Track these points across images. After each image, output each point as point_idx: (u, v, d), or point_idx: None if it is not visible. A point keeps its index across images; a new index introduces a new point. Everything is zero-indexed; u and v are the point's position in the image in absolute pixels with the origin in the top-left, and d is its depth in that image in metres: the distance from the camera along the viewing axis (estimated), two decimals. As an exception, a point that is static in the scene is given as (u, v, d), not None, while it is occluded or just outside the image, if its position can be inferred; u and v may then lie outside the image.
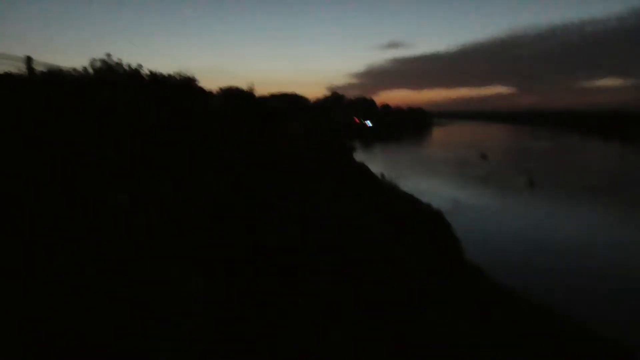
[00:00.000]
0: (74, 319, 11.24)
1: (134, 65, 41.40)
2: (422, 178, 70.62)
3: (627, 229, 41.36)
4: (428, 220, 37.97)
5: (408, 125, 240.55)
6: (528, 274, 28.75)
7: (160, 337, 11.18)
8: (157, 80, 40.83)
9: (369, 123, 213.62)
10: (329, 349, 11.47)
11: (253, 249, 18.30)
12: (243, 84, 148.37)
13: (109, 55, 39.63)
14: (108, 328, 11.15)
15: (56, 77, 26.16)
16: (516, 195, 57.74)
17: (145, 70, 42.63)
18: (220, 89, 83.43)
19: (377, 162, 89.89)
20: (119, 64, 40.15)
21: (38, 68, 30.58)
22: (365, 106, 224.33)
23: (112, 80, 33.96)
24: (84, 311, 11.67)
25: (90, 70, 38.42)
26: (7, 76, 24.97)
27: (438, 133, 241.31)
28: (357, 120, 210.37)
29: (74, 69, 36.63)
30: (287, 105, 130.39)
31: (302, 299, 13.76)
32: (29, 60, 28.56)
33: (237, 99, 71.36)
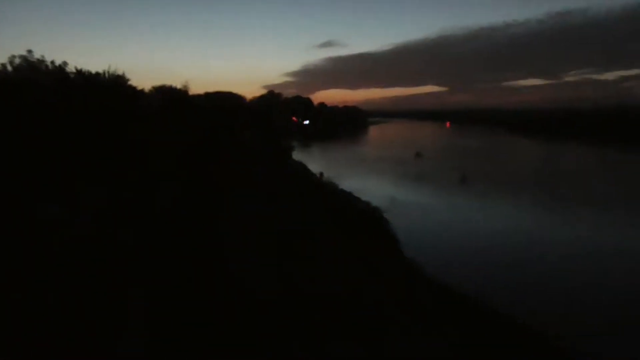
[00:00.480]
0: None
1: (58, 62, 39.18)
2: (359, 176, 71.51)
3: (549, 220, 43.79)
4: (367, 218, 38.41)
5: (344, 124, 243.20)
6: (458, 267, 29.69)
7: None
8: (85, 78, 38.79)
9: (306, 122, 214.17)
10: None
11: (193, 259, 17.72)
12: (177, 82, 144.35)
13: (30, 51, 37.23)
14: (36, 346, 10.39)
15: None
16: (450, 191, 59.65)
17: (71, 68, 40.44)
18: (154, 88, 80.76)
19: (315, 161, 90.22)
20: (42, 61, 37.82)
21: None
22: (302, 105, 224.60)
23: (34, 79, 31.93)
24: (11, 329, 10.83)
25: (9, 68, 35.96)
26: None
27: (374, 132, 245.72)
28: (294, 119, 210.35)
29: (-10, 66, 34.19)
30: (223, 105, 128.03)
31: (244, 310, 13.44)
32: None
33: (171, 99, 69.25)
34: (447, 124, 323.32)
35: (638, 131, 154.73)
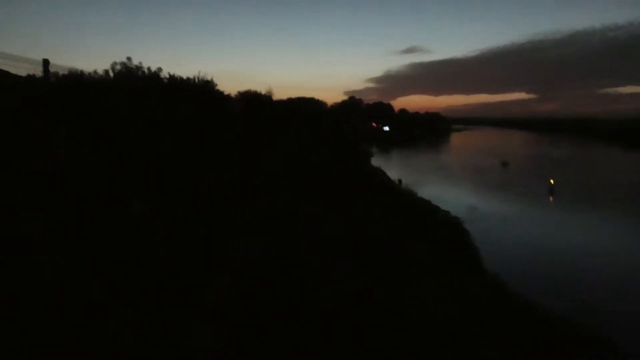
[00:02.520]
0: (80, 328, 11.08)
1: (153, 68, 41.77)
2: (440, 185, 69.85)
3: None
4: (446, 229, 37.41)
5: (426, 131, 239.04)
6: (543, 284, 28.04)
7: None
8: (177, 83, 41.02)
9: (386, 128, 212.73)
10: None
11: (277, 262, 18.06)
12: (262, 88, 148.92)
13: (129, 58, 39.99)
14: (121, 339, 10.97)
15: (75, 80, 26.37)
16: (537, 203, 56.69)
17: (164, 74, 42.99)
18: (239, 93, 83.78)
19: (394, 167, 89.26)
20: (139, 67, 40.49)
21: (59, 71, 30.96)
22: (383, 111, 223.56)
23: (132, 84, 34.21)
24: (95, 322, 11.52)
25: (111, 74, 38.80)
26: (26, 78, 25.21)
27: (456, 139, 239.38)
28: (374, 125, 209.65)
29: (95, 72, 37.06)
30: (306, 110, 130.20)
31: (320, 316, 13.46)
32: (46, 63, 28.92)
33: (256, 104, 71.36)
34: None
35: None
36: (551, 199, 60.23)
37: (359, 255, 20.94)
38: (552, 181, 66.13)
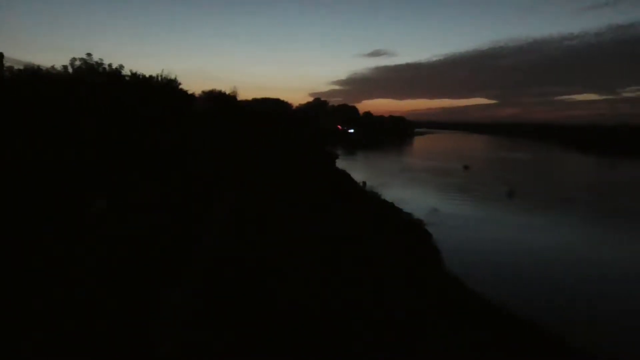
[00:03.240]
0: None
1: (115, 65, 40.78)
2: (403, 187, 70.68)
3: (602, 240, 41.83)
4: (408, 230, 37.89)
5: (390, 134, 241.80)
6: (503, 284, 28.71)
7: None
8: (139, 81, 40.16)
9: (351, 131, 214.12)
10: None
11: (237, 262, 17.88)
12: (226, 87, 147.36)
13: (89, 55, 38.94)
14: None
15: (32, 75, 25.44)
16: (497, 205, 58.08)
17: (126, 71, 42.02)
18: (204, 92, 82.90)
19: (359, 170, 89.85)
20: (100, 64, 39.45)
21: (15, 65, 29.86)
22: (348, 114, 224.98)
23: (92, 80, 33.28)
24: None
25: (70, 70, 37.67)
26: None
27: (419, 142, 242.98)
28: (340, 127, 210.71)
29: (52, 67, 35.90)
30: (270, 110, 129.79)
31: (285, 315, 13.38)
32: (-1, 56, 27.66)
33: (220, 103, 70.71)
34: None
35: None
36: (510, 200, 61.82)
37: (323, 253, 20.96)
38: (510, 185, 67.93)
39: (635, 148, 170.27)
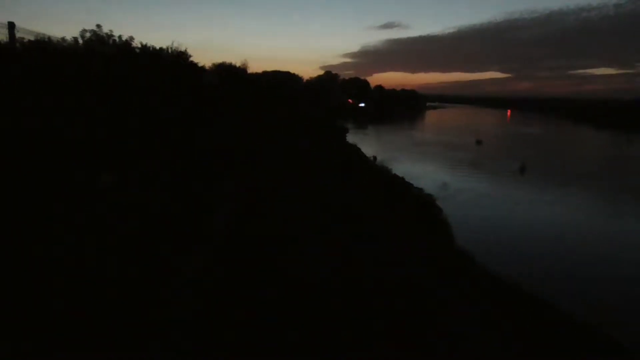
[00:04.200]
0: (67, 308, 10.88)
1: (125, 37, 40.52)
2: (415, 162, 70.37)
3: (615, 217, 41.52)
4: (419, 205, 37.82)
5: (401, 108, 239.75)
6: (515, 260, 28.70)
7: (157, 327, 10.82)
8: (149, 53, 39.92)
9: (362, 104, 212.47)
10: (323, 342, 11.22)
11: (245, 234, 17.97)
12: (237, 60, 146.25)
13: (99, 26, 38.66)
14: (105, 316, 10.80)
15: (42, 46, 25.31)
16: (508, 181, 57.70)
17: (136, 43, 41.76)
18: (214, 65, 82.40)
19: (370, 144, 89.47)
20: (110, 36, 39.20)
21: (25, 36, 29.70)
22: (359, 87, 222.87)
23: (102, 52, 33.13)
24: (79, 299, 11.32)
25: (80, 41, 37.48)
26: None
27: (431, 116, 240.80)
28: (350, 101, 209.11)
29: (63, 39, 35.73)
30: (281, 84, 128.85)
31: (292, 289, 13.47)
32: (11, 26, 27.42)
33: (230, 76, 70.32)
34: (509, 112, 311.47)
35: None
36: (522, 176, 61.37)
37: (334, 227, 21.01)
38: (522, 161, 67.32)
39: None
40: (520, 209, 43.28)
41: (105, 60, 27.71)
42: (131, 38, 39.60)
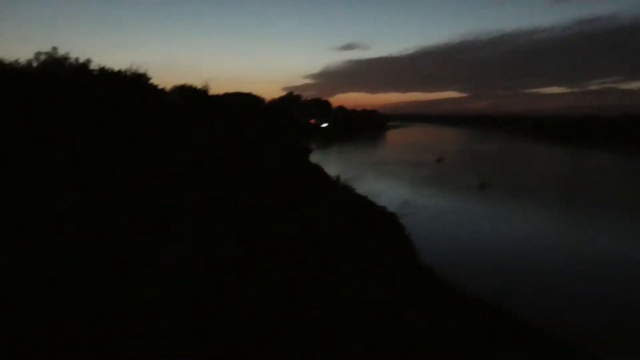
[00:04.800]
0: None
1: (82, 59, 39.73)
2: (377, 180, 71.11)
3: (569, 228, 42.98)
4: (383, 223, 38.13)
5: (363, 127, 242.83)
6: (473, 271, 29.21)
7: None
8: (107, 75, 39.27)
9: (324, 125, 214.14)
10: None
11: (207, 256, 17.66)
12: (198, 81, 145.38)
13: (55, 48, 37.80)
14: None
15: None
16: (469, 196, 58.94)
17: (94, 65, 41.01)
18: (175, 87, 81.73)
19: (333, 163, 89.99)
20: (66, 58, 38.36)
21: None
22: (321, 107, 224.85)
23: (57, 74, 32.33)
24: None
25: (35, 64, 36.53)
26: None
27: (392, 135, 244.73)
28: (313, 121, 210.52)
29: (16, 61, 34.76)
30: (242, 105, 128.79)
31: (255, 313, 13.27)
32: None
33: (191, 98, 69.80)
34: None
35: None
36: (482, 192, 62.82)
37: (297, 247, 20.90)
38: (482, 177, 68.97)
39: (600, 139, 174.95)
40: (480, 224, 44.23)
41: (60, 82, 27.09)
42: (88, 60, 38.90)
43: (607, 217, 48.11)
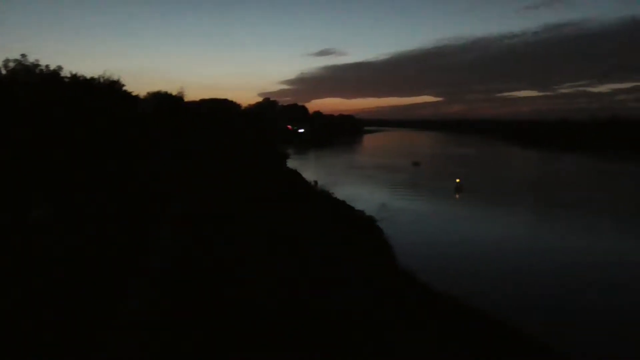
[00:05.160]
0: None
1: (53, 66, 39.02)
2: (355, 185, 71.32)
3: (545, 229, 43.84)
4: (361, 227, 38.23)
5: (340, 132, 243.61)
6: (453, 275, 29.49)
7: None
8: (79, 82, 38.63)
9: (301, 130, 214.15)
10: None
11: (184, 263, 17.48)
12: (173, 88, 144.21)
13: (24, 55, 37.08)
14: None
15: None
16: (446, 200, 59.59)
17: (65, 73, 40.31)
18: (149, 94, 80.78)
19: (310, 169, 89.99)
20: (36, 65, 37.64)
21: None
22: (298, 113, 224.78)
23: (27, 82, 31.68)
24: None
25: (4, 71, 35.76)
26: None
27: (369, 140, 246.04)
28: (290, 127, 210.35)
29: (-16, 69, 33.97)
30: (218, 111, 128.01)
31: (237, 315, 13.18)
32: None
33: (166, 105, 69.13)
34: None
35: (630, 142, 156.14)
36: (457, 196, 63.56)
37: (275, 253, 20.82)
38: (458, 180, 69.71)
39: (572, 142, 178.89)
40: (456, 226, 44.72)
41: (30, 89, 26.53)
42: (59, 67, 38.25)
43: (577, 216, 49.20)
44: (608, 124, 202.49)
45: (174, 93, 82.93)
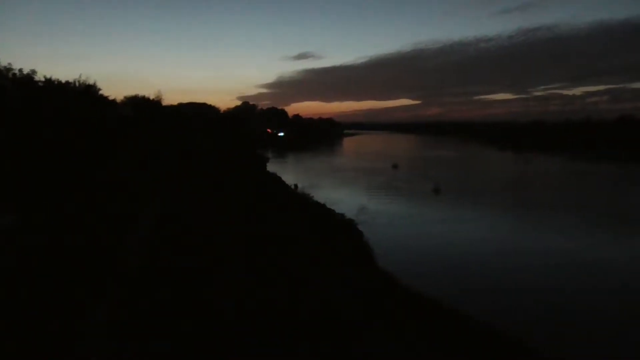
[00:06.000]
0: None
1: (26, 70, 38.32)
2: (335, 188, 71.52)
3: (520, 228, 44.68)
4: (341, 230, 38.32)
5: (319, 136, 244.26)
6: (428, 274, 29.87)
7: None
8: (53, 86, 38.00)
9: (281, 134, 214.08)
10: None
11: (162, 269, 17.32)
12: (151, 92, 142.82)
13: (-5, 58, 36.33)
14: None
15: None
16: (424, 201, 60.13)
17: (39, 76, 39.62)
18: (126, 98, 79.85)
19: (290, 172, 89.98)
20: (9, 69, 36.93)
21: None
22: (277, 117, 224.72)
23: (0, 85, 31.06)
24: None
25: (-26, 75, 34.98)
26: None
27: (348, 143, 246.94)
28: (269, 130, 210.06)
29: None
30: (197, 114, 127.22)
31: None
32: None
33: (143, 109, 68.48)
34: None
35: (602, 143, 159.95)
36: (436, 196, 64.22)
37: (253, 256, 20.76)
38: (436, 182, 70.55)
39: (546, 144, 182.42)
40: (435, 227, 45.19)
41: (3, 93, 26.02)
42: (33, 71, 37.58)
43: (550, 216, 50.22)
44: (581, 125, 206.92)
45: (152, 97, 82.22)
